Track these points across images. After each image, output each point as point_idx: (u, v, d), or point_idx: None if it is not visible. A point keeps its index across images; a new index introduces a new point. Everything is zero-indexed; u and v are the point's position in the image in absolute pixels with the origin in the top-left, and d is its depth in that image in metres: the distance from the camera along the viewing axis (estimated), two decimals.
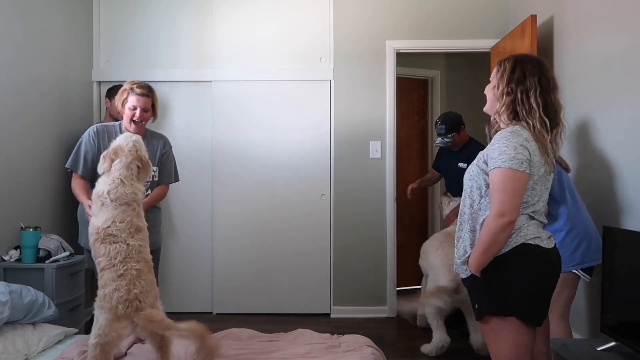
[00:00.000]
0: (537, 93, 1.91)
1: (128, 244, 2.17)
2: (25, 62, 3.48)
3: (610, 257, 2.51)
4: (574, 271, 2.73)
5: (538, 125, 1.89)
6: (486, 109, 2.07)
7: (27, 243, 3.20)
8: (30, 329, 2.55)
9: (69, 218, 3.99)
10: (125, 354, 2.44)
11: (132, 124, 2.97)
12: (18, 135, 3.40)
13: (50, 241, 3.31)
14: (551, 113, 1.92)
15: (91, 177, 2.93)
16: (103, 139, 2.99)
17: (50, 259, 3.22)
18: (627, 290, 2.37)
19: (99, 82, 4.46)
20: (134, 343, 2.57)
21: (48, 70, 3.76)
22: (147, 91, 3.00)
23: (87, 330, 3.59)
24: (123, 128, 3.05)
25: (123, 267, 2.11)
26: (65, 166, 3.08)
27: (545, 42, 3.66)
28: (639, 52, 2.69)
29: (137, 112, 2.96)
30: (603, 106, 3.01)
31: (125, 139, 2.39)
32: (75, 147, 3.06)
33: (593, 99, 3.12)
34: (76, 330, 2.84)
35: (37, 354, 2.46)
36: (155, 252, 2.89)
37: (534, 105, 1.90)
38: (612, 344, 2.42)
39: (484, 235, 1.87)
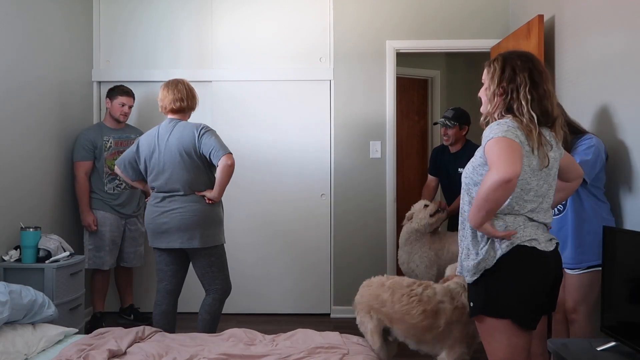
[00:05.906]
0: (527, 88, 1.90)
1: None
2: (25, 63, 3.48)
3: (610, 257, 2.50)
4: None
5: (526, 120, 1.89)
6: (482, 109, 2.07)
7: (27, 243, 3.21)
8: (30, 329, 2.54)
9: (69, 218, 4.00)
10: (125, 353, 2.43)
11: None
12: (18, 135, 3.40)
13: (50, 241, 3.31)
14: (546, 105, 1.91)
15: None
16: None
17: (50, 259, 3.23)
18: (627, 290, 2.37)
19: (99, 82, 4.46)
20: (134, 342, 2.56)
21: (48, 71, 3.76)
22: None
23: (87, 330, 3.60)
24: None
25: None
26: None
27: (547, 42, 3.65)
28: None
29: None
30: (603, 105, 3.01)
31: None
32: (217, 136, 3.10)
33: (593, 98, 3.12)
34: (76, 330, 2.83)
35: (37, 354, 2.45)
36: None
37: (523, 102, 1.90)
38: (612, 344, 2.41)
39: (479, 191, 1.83)
